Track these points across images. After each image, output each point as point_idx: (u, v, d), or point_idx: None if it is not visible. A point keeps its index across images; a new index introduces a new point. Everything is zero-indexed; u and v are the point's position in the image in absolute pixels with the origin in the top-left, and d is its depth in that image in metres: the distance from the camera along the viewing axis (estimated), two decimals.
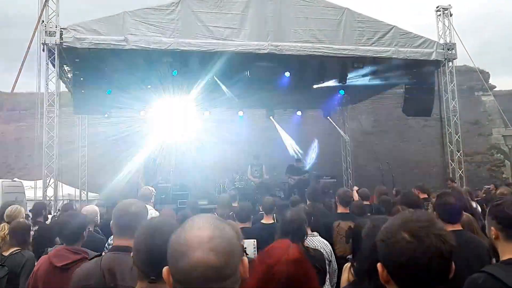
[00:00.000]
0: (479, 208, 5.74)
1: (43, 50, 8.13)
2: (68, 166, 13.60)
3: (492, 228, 1.92)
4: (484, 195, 8.61)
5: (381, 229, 1.29)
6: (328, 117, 14.41)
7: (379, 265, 1.26)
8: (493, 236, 1.91)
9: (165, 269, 1.02)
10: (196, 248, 0.94)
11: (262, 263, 1.42)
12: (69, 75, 9.60)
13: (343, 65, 9.80)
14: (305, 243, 3.05)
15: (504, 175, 17.34)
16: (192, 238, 0.95)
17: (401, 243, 1.19)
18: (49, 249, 2.92)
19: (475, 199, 6.96)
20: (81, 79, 8.14)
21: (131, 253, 1.64)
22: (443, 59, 9.77)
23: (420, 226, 1.21)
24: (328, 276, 3.25)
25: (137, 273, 1.58)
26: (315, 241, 3.40)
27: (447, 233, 1.23)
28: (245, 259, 1.02)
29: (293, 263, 1.53)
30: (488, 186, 10.31)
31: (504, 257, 1.85)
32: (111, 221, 2.21)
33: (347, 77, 10.17)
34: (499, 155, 17.88)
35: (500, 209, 1.90)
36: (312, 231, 3.42)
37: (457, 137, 10.20)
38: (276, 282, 1.48)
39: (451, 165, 10.22)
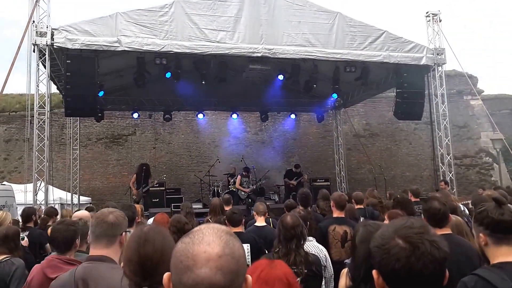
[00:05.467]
0: (467, 211, 5.81)
1: (34, 51, 8.02)
2: (59, 168, 13.48)
3: (480, 234, 1.90)
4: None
5: (375, 236, 1.27)
6: (322, 121, 14.50)
7: (374, 271, 1.24)
8: (483, 243, 1.89)
9: (166, 275, 0.99)
10: (203, 265, 0.90)
11: None
12: (60, 76, 9.49)
13: (335, 68, 9.86)
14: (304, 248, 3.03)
15: (492, 178, 17.54)
16: (200, 253, 0.92)
17: (395, 249, 1.17)
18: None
19: (463, 202, 7.05)
20: (73, 80, 8.04)
21: (121, 264, 1.60)
22: (433, 64, 9.87)
23: (414, 232, 1.19)
24: (324, 281, 3.24)
25: (129, 284, 1.54)
26: (310, 246, 3.39)
27: (440, 240, 1.22)
28: (249, 277, 0.99)
29: None
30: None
31: (494, 261, 1.83)
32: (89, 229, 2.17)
33: (340, 81, 10.24)
34: (487, 158, 18.10)
35: (485, 215, 1.88)
36: (307, 236, 3.41)
37: (447, 140, 10.28)
38: None
39: (442, 168, 10.31)
